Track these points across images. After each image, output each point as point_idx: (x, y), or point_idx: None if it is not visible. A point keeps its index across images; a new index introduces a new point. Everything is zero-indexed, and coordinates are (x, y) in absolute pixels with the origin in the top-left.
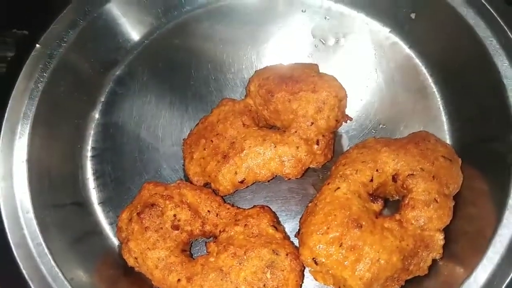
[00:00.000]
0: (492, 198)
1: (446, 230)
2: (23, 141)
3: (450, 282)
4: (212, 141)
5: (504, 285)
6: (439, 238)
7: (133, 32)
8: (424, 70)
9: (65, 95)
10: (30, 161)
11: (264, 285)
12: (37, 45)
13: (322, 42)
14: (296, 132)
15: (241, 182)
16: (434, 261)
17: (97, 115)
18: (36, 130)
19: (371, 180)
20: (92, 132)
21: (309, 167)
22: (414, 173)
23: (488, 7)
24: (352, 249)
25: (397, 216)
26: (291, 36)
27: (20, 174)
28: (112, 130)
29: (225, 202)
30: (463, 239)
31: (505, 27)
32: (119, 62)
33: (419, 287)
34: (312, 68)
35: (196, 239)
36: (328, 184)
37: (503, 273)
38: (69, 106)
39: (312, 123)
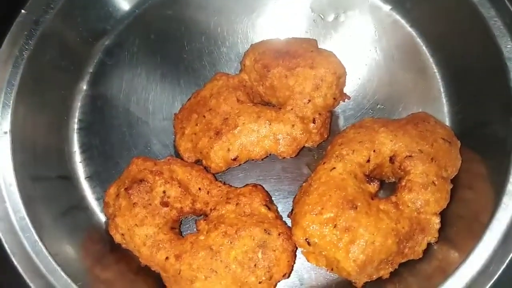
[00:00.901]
0: (490, 183)
1: (442, 214)
2: (6, 111)
3: (445, 267)
4: (204, 116)
5: (500, 271)
6: (435, 221)
7: (124, 0)
8: (425, 50)
9: (51, 64)
10: (14, 131)
11: (255, 265)
12: (22, 11)
13: (321, 17)
14: (292, 109)
15: (234, 159)
16: (429, 245)
17: (84, 87)
18: (21, 99)
19: (368, 161)
20: (79, 104)
21: (304, 146)
22: (412, 154)
23: None
24: (346, 231)
25: (393, 198)
26: (289, 9)
27: (2, 145)
28: (100, 103)
29: (216, 180)
30: (459, 223)
31: (510, 7)
32: (108, 31)
33: (413, 270)
34: (310, 43)
35: (186, 217)
36: (324, 163)
37: (499, 259)
38: (56, 76)
39: (309, 101)
